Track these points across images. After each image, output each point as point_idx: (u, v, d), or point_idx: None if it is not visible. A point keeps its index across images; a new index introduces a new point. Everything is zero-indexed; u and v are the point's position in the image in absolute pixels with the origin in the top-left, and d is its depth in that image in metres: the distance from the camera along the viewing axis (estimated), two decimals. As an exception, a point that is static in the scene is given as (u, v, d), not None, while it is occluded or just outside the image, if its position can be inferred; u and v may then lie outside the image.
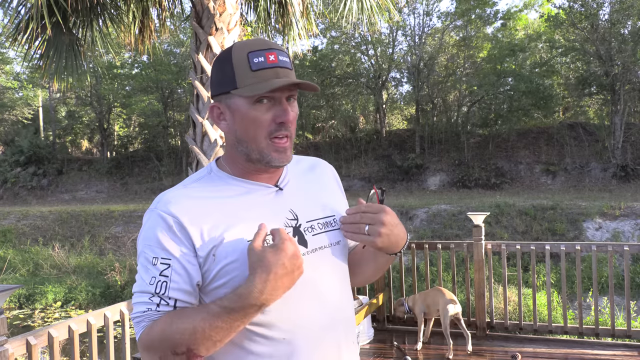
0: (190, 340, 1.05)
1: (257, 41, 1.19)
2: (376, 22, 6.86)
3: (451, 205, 16.28)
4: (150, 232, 1.16)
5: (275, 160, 1.19)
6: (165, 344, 1.07)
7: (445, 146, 25.73)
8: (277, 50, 1.17)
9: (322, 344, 1.21)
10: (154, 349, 1.09)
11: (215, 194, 1.21)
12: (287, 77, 1.17)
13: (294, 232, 1.22)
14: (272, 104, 1.17)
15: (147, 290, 1.12)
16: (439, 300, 4.85)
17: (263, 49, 1.16)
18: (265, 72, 1.15)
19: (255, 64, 1.15)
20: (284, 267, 1.04)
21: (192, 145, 5.25)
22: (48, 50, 5.89)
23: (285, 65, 1.18)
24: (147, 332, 1.10)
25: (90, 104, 30.76)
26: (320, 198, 1.33)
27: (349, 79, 28.60)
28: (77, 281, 14.37)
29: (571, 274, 10.51)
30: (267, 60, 1.15)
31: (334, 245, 1.29)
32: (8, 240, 18.37)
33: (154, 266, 1.13)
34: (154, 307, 1.11)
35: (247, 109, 1.17)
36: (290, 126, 1.19)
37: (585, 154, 22.50)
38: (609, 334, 4.97)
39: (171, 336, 1.06)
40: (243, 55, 1.16)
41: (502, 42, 25.98)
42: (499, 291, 9.34)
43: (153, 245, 1.14)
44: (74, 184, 28.70)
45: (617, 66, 21.53)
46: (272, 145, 1.18)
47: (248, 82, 1.15)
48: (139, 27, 6.36)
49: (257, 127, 1.18)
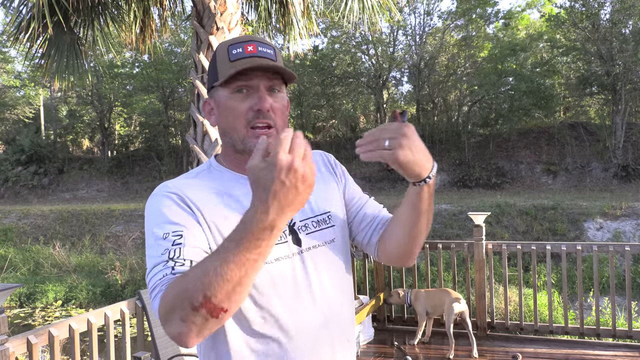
0: (204, 285, 0.91)
1: (242, 37, 1.21)
2: (377, 22, 6.85)
3: (452, 205, 16.28)
4: (156, 212, 1.14)
5: (254, 145, 1.16)
6: (182, 298, 0.94)
7: (445, 146, 25.72)
8: (258, 42, 1.19)
9: (316, 342, 1.20)
10: (172, 311, 0.96)
11: (215, 185, 1.21)
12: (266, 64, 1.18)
13: (289, 232, 1.22)
14: (249, 93, 1.18)
15: (161, 261, 1.06)
16: (445, 301, 4.84)
17: (243, 41, 1.19)
18: (241, 61, 1.17)
19: (233, 54, 1.18)
20: (282, 184, 0.88)
21: (193, 145, 5.25)
22: (49, 50, 5.89)
23: (266, 55, 1.18)
24: (163, 296, 1.00)
25: (91, 103, 30.79)
26: (318, 194, 1.31)
27: (350, 78, 28.60)
28: (78, 280, 14.38)
29: (572, 274, 10.50)
30: (245, 50, 1.18)
31: (328, 244, 1.28)
32: (9, 239, 18.39)
33: (165, 239, 1.08)
34: (169, 271, 1.03)
35: (227, 99, 1.20)
36: (270, 115, 1.18)
37: (586, 153, 22.49)
38: (610, 335, 4.96)
39: (186, 287, 0.94)
40: (224, 49, 1.20)
41: (503, 42, 25.97)
42: (499, 291, 9.34)
43: (161, 223, 1.11)
44: (74, 183, 28.71)
45: (618, 66, 21.52)
46: (250, 132, 1.18)
47: (225, 73, 1.18)
48: (140, 26, 6.37)
49: (236, 116, 1.18)
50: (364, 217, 1.37)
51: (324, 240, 1.27)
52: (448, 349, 4.69)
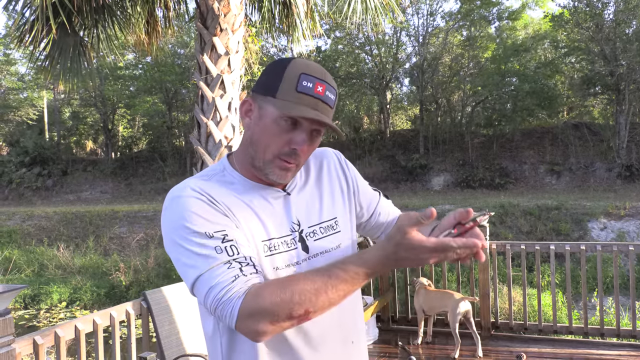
0: (312, 302, 1.02)
1: (317, 68, 1.18)
2: (380, 23, 6.86)
3: (455, 205, 16.27)
4: (188, 216, 1.12)
5: (274, 176, 1.19)
6: (282, 307, 1.01)
7: (449, 146, 25.71)
8: (328, 85, 1.17)
9: (322, 347, 1.23)
10: (264, 314, 1.02)
11: (233, 190, 1.22)
12: (325, 113, 1.17)
13: (299, 238, 1.24)
14: (296, 128, 1.17)
15: (220, 262, 1.07)
16: (446, 303, 4.83)
17: (316, 77, 1.16)
18: (306, 98, 1.15)
19: (302, 86, 1.15)
20: (409, 261, 1.02)
21: (197, 146, 5.26)
22: (53, 52, 5.91)
23: (328, 102, 1.18)
24: (251, 298, 1.03)
25: (94, 104, 30.87)
26: (323, 200, 1.33)
27: (353, 79, 28.61)
28: (82, 281, 14.42)
29: (576, 274, 10.48)
30: (315, 89, 1.15)
31: (335, 250, 1.29)
32: (13, 241, 18.44)
33: (211, 239, 1.09)
34: (238, 272, 1.06)
35: (273, 121, 1.17)
36: (300, 156, 1.19)
37: (589, 153, 22.45)
38: (614, 334, 4.95)
39: (290, 298, 1.01)
40: (296, 73, 1.16)
41: (507, 42, 25.94)
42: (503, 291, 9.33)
43: (198, 225, 1.10)
44: (78, 184, 28.78)
45: (621, 66, 21.47)
46: (277, 162, 1.18)
47: (287, 98, 1.15)
48: (146, 27, 6.39)
49: (273, 141, 1.17)
50: (380, 216, 1.48)
51: (330, 246, 1.29)
52: (452, 348, 4.69)
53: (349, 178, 1.42)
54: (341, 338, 1.28)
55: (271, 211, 1.23)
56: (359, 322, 1.37)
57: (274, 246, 1.19)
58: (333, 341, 1.26)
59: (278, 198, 1.25)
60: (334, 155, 1.44)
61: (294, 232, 1.24)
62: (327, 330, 1.24)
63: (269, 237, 1.19)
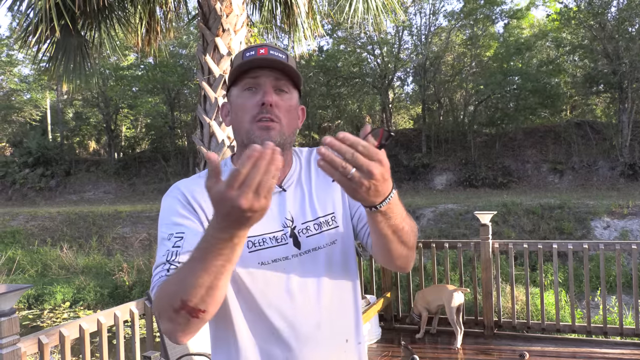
0: (180, 290, 0.98)
1: (259, 44, 1.27)
2: (382, 22, 6.86)
3: (458, 204, 16.26)
4: (164, 213, 1.23)
5: (258, 137, 1.20)
6: (165, 301, 1.03)
7: (451, 145, 25.68)
8: (270, 47, 1.25)
9: (309, 342, 1.23)
10: (160, 311, 1.06)
11: None
12: (274, 65, 1.23)
13: (290, 233, 1.25)
14: (257, 90, 1.23)
15: (160, 262, 1.14)
16: (441, 295, 4.88)
17: (257, 46, 1.25)
18: (253, 60, 1.22)
19: (246, 56, 1.24)
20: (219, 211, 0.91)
21: (200, 146, 5.28)
22: (56, 52, 5.94)
23: (276, 58, 1.23)
24: (154, 297, 1.09)
25: (97, 105, 30.92)
26: (320, 196, 1.32)
27: (355, 78, 28.59)
28: (86, 282, 14.45)
29: (579, 272, 10.47)
30: (257, 53, 1.23)
31: (329, 245, 1.28)
32: (17, 241, 18.49)
33: (169, 241, 1.16)
34: (164, 273, 1.11)
35: (237, 97, 1.25)
36: (274, 110, 1.21)
37: (592, 152, 22.40)
38: (617, 333, 4.95)
39: (167, 291, 1.04)
40: (240, 54, 1.27)
41: (509, 41, 25.90)
42: (506, 290, 9.32)
43: (168, 224, 1.19)
44: (81, 185, 28.84)
45: (624, 64, 21.41)
46: (255, 125, 1.22)
47: (236, 72, 1.24)
48: (146, 28, 6.40)
49: (244, 112, 1.23)
50: (361, 217, 1.33)
51: (325, 242, 1.28)
52: (455, 349, 4.71)
53: None
54: (331, 335, 1.27)
55: None
56: (354, 320, 1.35)
57: (260, 242, 1.21)
58: (324, 338, 1.25)
59: (272, 195, 1.25)
60: None
61: (285, 227, 1.25)
62: (314, 327, 1.23)
63: (254, 232, 1.21)
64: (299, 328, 1.22)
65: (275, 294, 1.21)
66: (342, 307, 1.31)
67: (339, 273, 1.31)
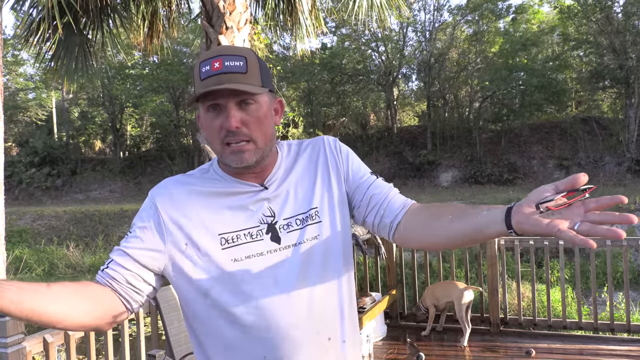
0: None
1: (214, 50, 1.19)
2: (386, 19, 6.83)
3: (464, 201, 16.21)
4: (139, 213, 1.27)
5: (232, 162, 1.19)
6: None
7: (457, 142, 25.61)
8: (225, 56, 1.16)
9: (285, 340, 1.20)
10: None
11: (206, 187, 1.25)
12: (232, 81, 1.14)
13: (267, 229, 1.22)
14: (220, 111, 1.17)
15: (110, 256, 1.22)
16: (450, 293, 4.86)
17: (211, 57, 1.16)
18: (209, 80, 1.15)
19: (203, 73, 1.16)
20: None
21: (204, 145, 5.28)
22: (59, 51, 5.95)
23: (232, 70, 1.15)
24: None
25: (102, 104, 31.03)
26: (303, 191, 1.29)
27: (360, 76, 28.55)
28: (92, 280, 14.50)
29: (585, 269, 10.42)
30: (212, 67, 1.15)
31: (311, 240, 1.25)
32: (24, 240, 18.59)
33: (124, 240, 1.22)
34: (103, 267, 1.22)
35: (204, 117, 1.21)
36: (242, 131, 1.17)
37: (599, 148, 22.29)
38: (624, 330, 4.92)
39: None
40: (197, 67, 1.19)
41: (514, 37, 25.80)
42: (512, 287, 9.29)
43: (134, 224, 1.24)
44: (87, 184, 28.96)
45: (631, 59, 21.29)
46: (226, 149, 1.19)
47: (196, 92, 1.17)
48: (148, 27, 6.40)
49: (212, 134, 1.20)
50: (372, 197, 1.31)
51: (307, 237, 1.25)
52: (462, 347, 4.69)
53: (340, 164, 1.34)
54: (311, 334, 1.23)
55: (239, 204, 1.23)
56: (338, 317, 1.29)
57: (234, 238, 1.20)
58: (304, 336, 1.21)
59: (251, 194, 1.24)
60: (325, 143, 1.37)
61: (262, 224, 1.22)
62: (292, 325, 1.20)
63: (228, 230, 1.20)
64: (275, 326, 1.19)
65: (249, 291, 1.18)
66: (324, 303, 1.26)
67: (322, 268, 1.26)
